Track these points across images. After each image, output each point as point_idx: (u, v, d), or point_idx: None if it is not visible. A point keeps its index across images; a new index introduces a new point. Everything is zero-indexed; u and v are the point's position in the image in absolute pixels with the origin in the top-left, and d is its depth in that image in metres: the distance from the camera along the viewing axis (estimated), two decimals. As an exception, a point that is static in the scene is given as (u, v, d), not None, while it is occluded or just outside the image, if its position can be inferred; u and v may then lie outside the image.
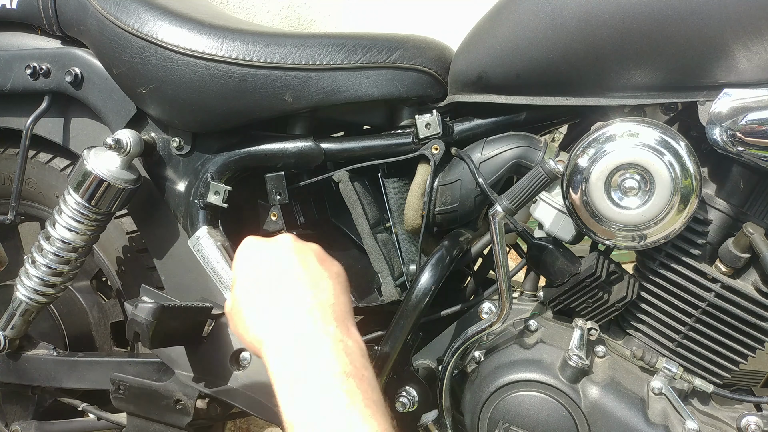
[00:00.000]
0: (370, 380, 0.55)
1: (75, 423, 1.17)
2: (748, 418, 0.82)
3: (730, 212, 0.81)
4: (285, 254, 0.65)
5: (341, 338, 0.57)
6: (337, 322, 0.58)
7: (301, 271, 0.63)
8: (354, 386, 0.53)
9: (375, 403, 0.53)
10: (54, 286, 1.04)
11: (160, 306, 0.87)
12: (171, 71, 0.93)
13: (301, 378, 0.54)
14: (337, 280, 0.64)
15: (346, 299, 0.63)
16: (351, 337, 0.58)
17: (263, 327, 0.60)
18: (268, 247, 0.67)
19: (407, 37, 0.96)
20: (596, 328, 0.86)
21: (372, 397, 0.54)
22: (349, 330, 0.59)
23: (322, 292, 0.61)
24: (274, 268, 0.64)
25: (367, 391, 0.54)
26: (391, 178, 0.98)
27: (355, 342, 0.58)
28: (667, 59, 0.76)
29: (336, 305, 0.60)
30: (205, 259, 0.99)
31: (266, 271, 0.64)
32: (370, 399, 0.53)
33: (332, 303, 0.60)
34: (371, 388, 0.55)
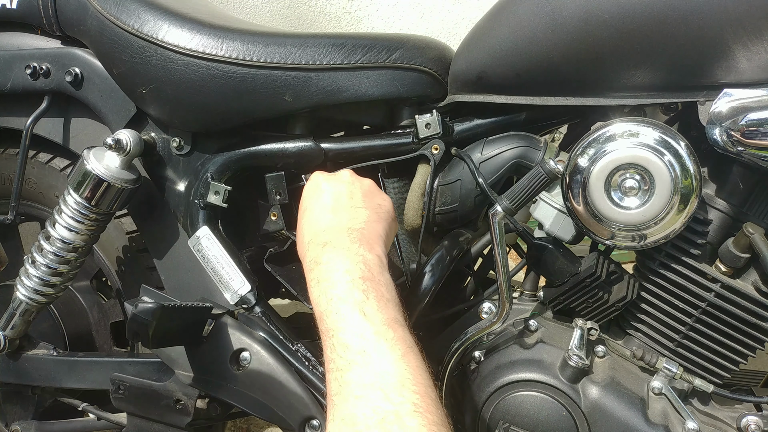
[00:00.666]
0: (384, 283, 0.68)
1: (75, 423, 1.17)
2: (748, 418, 0.82)
3: (730, 212, 0.81)
4: (338, 186, 0.81)
5: (362, 253, 0.70)
6: (361, 241, 0.71)
7: (345, 200, 0.78)
8: (369, 287, 0.66)
9: (388, 300, 0.66)
10: (54, 286, 1.04)
11: (160, 306, 0.87)
12: (171, 71, 0.93)
13: (325, 278, 0.68)
14: (374, 210, 0.78)
15: (378, 226, 0.76)
16: (372, 253, 0.70)
17: (309, 236, 0.76)
18: (329, 179, 0.82)
19: (407, 37, 0.96)
20: (596, 328, 0.86)
21: (385, 295, 0.66)
22: (372, 248, 0.71)
23: (355, 218, 0.75)
24: (327, 196, 0.79)
25: (380, 290, 0.66)
26: (391, 178, 0.98)
27: (375, 256, 0.70)
28: (667, 59, 0.76)
29: (365, 229, 0.74)
30: (205, 259, 0.99)
31: (322, 197, 0.80)
32: (382, 297, 0.65)
33: (361, 227, 0.74)
34: (385, 289, 0.67)
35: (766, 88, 0.73)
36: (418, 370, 0.59)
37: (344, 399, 0.57)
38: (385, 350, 0.60)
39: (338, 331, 0.63)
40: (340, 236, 0.72)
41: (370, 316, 0.63)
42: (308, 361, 0.95)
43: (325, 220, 0.76)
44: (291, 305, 1.34)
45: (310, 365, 0.95)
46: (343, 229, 0.73)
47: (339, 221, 0.75)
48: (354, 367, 0.59)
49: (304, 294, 0.97)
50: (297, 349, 0.96)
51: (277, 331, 0.97)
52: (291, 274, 0.99)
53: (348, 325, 0.62)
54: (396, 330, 0.62)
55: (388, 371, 0.58)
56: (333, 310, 0.64)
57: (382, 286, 0.67)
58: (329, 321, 0.64)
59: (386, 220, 0.78)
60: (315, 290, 0.69)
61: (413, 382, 0.57)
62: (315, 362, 0.96)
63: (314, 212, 0.78)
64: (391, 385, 0.57)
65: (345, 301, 0.64)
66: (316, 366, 0.96)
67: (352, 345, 0.61)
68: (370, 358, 0.59)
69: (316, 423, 0.90)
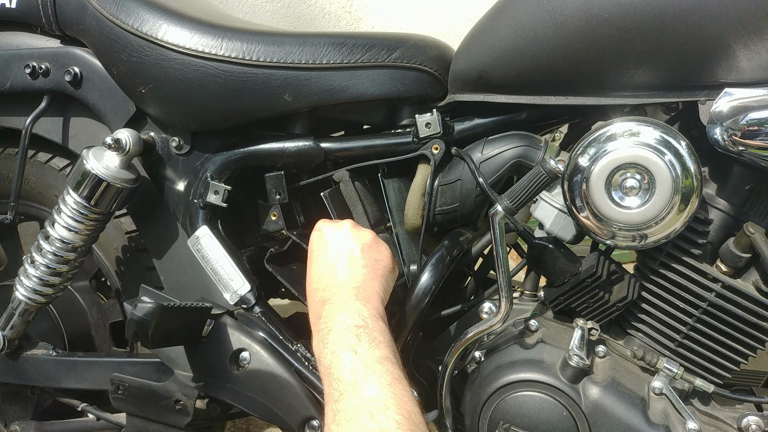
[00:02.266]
0: (379, 330, 0.73)
1: (74, 423, 1.16)
2: (748, 418, 0.82)
3: (730, 212, 0.81)
4: (340, 241, 0.85)
5: (357, 306, 0.76)
6: (358, 297, 0.77)
7: (345, 258, 0.83)
8: (362, 332, 0.72)
9: (380, 342, 0.72)
10: (53, 285, 1.04)
11: (160, 306, 0.87)
12: (170, 70, 0.93)
13: (323, 328, 0.75)
14: (371, 267, 0.83)
15: (375, 283, 0.81)
16: (367, 306, 0.76)
17: (312, 292, 0.83)
18: (332, 232, 0.87)
19: (407, 37, 0.96)
20: (597, 328, 0.86)
21: (377, 338, 0.72)
22: (368, 302, 0.77)
23: (354, 277, 0.81)
24: (331, 250, 0.85)
25: (373, 334, 0.72)
26: (391, 178, 0.98)
27: (371, 308, 0.76)
28: (667, 58, 0.75)
29: (362, 287, 0.79)
30: (205, 259, 0.99)
31: (326, 250, 0.85)
32: (375, 339, 0.71)
33: (358, 285, 0.79)
34: (379, 333, 0.73)
35: (766, 88, 0.73)
36: (404, 398, 0.65)
37: (338, 424, 0.64)
38: (373, 380, 0.66)
39: (334, 368, 0.69)
40: (338, 294, 0.79)
41: (361, 354, 0.70)
42: (308, 361, 0.95)
43: (327, 277, 0.82)
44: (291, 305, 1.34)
45: (310, 365, 0.95)
46: (342, 287, 0.80)
47: (338, 280, 0.81)
48: (346, 396, 0.66)
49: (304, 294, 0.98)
50: (297, 349, 0.96)
51: (276, 331, 0.97)
52: (291, 274, 0.99)
53: (341, 362, 0.69)
54: (384, 365, 0.69)
55: (375, 396, 0.65)
56: (329, 351, 0.71)
57: (376, 332, 0.73)
58: (326, 360, 0.71)
59: (383, 275, 0.83)
60: (315, 339, 0.76)
61: (398, 406, 0.63)
62: (315, 362, 0.96)
63: (318, 266, 0.84)
64: (377, 407, 0.63)
65: (339, 343, 0.72)
66: (315, 366, 0.95)
67: (344, 378, 0.67)
68: (359, 387, 0.66)
69: (315, 423, 0.90)
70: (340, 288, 0.79)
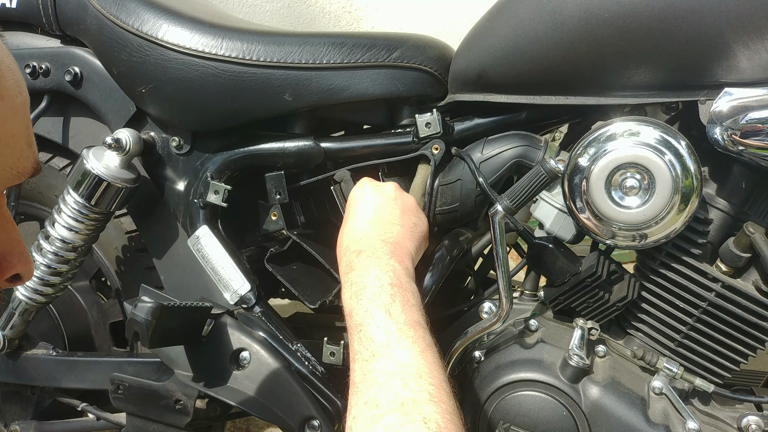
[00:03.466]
0: (411, 291, 0.74)
1: (74, 423, 1.16)
2: (748, 418, 0.82)
3: (730, 212, 0.81)
4: (380, 200, 0.86)
5: (392, 263, 0.76)
6: (392, 253, 0.78)
7: (384, 215, 0.84)
8: (396, 292, 0.72)
9: (412, 305, 0.72)
10: (53, 285, 1.04)
11: (160, 306, 0.87)
12: (170, 70, 0.93)
13: (357, 281, 0.74)
14: (408, 228, 0.83)
15: (409, 243, 0.81)
16: (401, 264, 0.76)
17: (347, 242, 0.82)
18: (375, 190, 0.88)
19: (407, 37, 0.96)
20: (597, 328, 0.86)
21: (410, 300, 0.72)
22: (401, 260, 0.77)
23: (389, 233, 0.81)
24: (370, 207, 0.85)
25: (406, 296, 0.72)
26: (391, 178, 0.98)
27: (403, 268, 0.76)
28: (667, 58, 0.75)
29: (396, 243, 0.80)
30: (205, 259, 0.99)
31: (365, 207, 0.86)
32: (408, 301, 0.72)
33: (393, 241, 0.80)
34: (411, 295, 0.73)
35: (766, 88, 0.73)
36: (434, 366, 0.65)
37: (368, 385, 0.64)
38: (407, 345, 0.66)
39: (365, 326, 0.69)
40: (374, 246, 0.78)
41: (395, 316, 0.69)
42: (308, 361, 0.95)
43: (363, 229, 0.82)
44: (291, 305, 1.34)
45: (310, 365, 0.95)
46: (377, 241, 0.79)
47: (375, 233, 0.81)
48: (378, 358, 0.65)
49: (304, 294, 0.98)
50: (297, 349, 0.96)
51: (277, 331, 0.97)
52: (291, 274, 0.99)
53: (375, 321, 0.69)
54: (417, 330, 0.69)
55: (408, 363, 0.64)
56: (362, 308, 0.71)
57: (408, 293, 0.73)
58: (358, 317, 0.71)
59: (418, 238, 0.84)
60: (347, 291, 0.75)
61: (429, 374, 0.63)
62: (315, 362, 0.96)
63: (355, 220, 0.84)
64: (410, 375, 0.63)
65: (373, 301, 0.71)
66: (315, 366, 0.95)
67: (377, 339, 0.67)
68: (392, 351, 0.66)
69: (315, 423, 0.90)
70: (376, 241, 0.79)
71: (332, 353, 0.94)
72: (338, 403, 0.93)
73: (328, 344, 0.95)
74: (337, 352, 0.94)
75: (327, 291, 0.98)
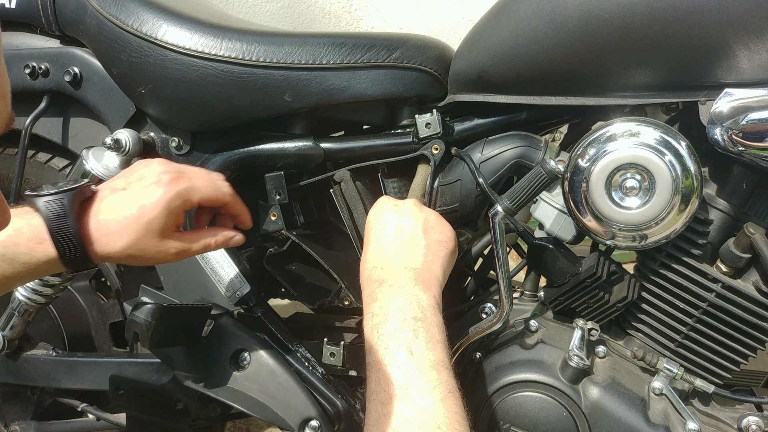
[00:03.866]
0: (437, 324, 0.70)
1: (74, 423, 1.16)
2: (748, 418, 0.82)
3: (731, 212, 0.81)
4: (401, 220, 0.81)
5: (417, 293, 0.71)
6: (417, 281, 0.73)
7: (407, 237, 0.79)
8: (420, 327, 0.68)
9: (437, 342, 0.68)
10: (53, 286, 1.04)
11: (160, 306, 0.87)
12: (170, 71, 0.93)
13: (379, 314, 0.70)
14: (432, 249, 0.78)
15: (435, 266, 0.77)
16: (427, 293, 0.72)
17: (369, 270, 0.77)
18: (395, 209, 0.83)
19: (407, 37, 0.95)
20: (597, 329, 0.86)
21: (435, 336, 0.68)
22: (428, 288, 0.73)
23: (414, 258, 0.76)
24: (390, 228, 0.80)
25: (431, 331, 0.68)
26: (391, 178, 0.98)
27: (431, 297, 0.72)
28: (667, 58, 0.75)
29: (421, 270, 0.75)
30: (205, 259, 0.99)
31: (385, 228, 0.81)
32: (432, 338, 0.67)
33: (418, 267, 0.75)
34: (437, 330, 0.69)
35: (766, 88, 0.73)
36: (456, 416, 0.61)
37: (382, 431, 0.60)
38: (427, 391, 0.62)
39: (384, 365, 0.65)
40: (397, 275, 0.74)
41: (417, 355, 0.65)
42: (308, 361, 0.95)
43: (384, 256, 0.77)
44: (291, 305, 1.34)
45: (310, 366, 0.95)
46: (400, 268, 0.75)
47: (398, 259, 0.76)
48: (396, 402, 0.62)
49: (304, 294, 0.98)
50: (297, 350, 0.96)
51: (276, 332, 0.97)
52: (291, 275, 0.99)
53: (394, 361, 0.65)
54: (441, 373, 0.65)
55: (427, 410, 0.61)
56: (383, 345, 0.67)
57: (434, 327, 0.69)
58: (377, 355, 0.67)
59: (444, 257, 0.79)
60: (368, 323, 0.71)
61: (449, 426, 0.60)
62: (314, 363, 0.96)
63: (376, 246, 0.80)
64: (428, 424, 0.59)
65: (394, 338, 0.67)
66: (315, 366, 0.95)
67: (396, 381, 0.63)
68: (411, 396, 0.62)
69: (315, 423, 0.90)
70: (399, 269, 0.74)
71: (332, 354, 0.94)
72: (338, 404, 0.93)
73: (328, 345, 0.95)
74: (337, 352, 0.94)
75: (326, 291, 0.98)
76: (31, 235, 0.72)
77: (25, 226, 0.72)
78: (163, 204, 0.76)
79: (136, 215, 0.75)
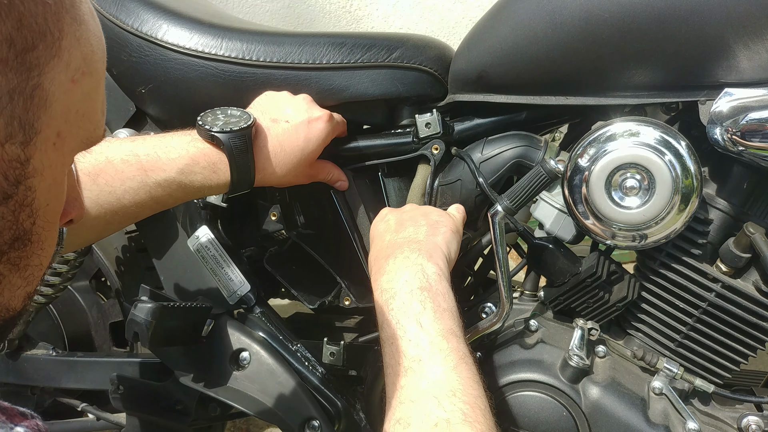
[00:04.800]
0: (442, 292, 0.71)
1: (74, 423, 1.16)
2: (748, 418, 0.82)
3: (730, 212, 0.81)
4: (401, 213, 0.85)
5: (421, 262, 0.73)
6: (420, 251, 0.75)
7: (407, 220, 0.82)
8: (426, 297, 0.69)
9: (444, 310, 0.69)
10: (53, 286, 1.03)
11: (160, 306, 0.87)
12: (170, 70, 0.93)
13: (387, 288, 0.72)
14: (432, 225, 0.80)
15: (437, 239, 0.78)
16: (431, 262, 0.74)
17: (375, 252, 0.81)
18: (394, 210, 0.87)
19: (407, 37, 0.95)
20: (597, 328, 0.86)
21: (442, 305, 0.69)
22: (431, 257, 0.74)
23: (416, 233, 0.79)
24: (392, 220, 0.84)
25: (437, 300, 0.70)
26: (391, 178, 0.98)
27: (434, 265, 0.73)
28: (667, 58, 0.75)
29: (424, 241, 0.77)
30: (205, 259, 0.99)
31: (388, 222, 0.84)
32: (439, 306, 0.69)
33: (420, 239, 0.77)
34: (443, 298, 0.70)
35: (766, 88, 0.73)
36: (469, 381, 0.63)
37: (400, 402, 0.62)
38: (439, 360, 0.64)
39: (396, 339, 0.67)
40: (402, 247, 0.77)
41: (427, 326, 0.67)
42: (308, 361, 0.95)
43: (389, 237, 0.81)
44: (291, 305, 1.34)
45: (310, 365, 0.95)
46: (404, 242, 0.78)
47: (401, 236, 0.79)
48: (410, 374, 0.64)
49: (304, 294, 0.98)
50: (297, 350, 0.96)
51: (276, 332, 0.97)
52: (291, 274, 0.99)
53: (405, 334, 0.67)
54: (450, 341, 0.66)
55: (441, 379, 0.62)
56: (393, 320, 0.69)
57: (440, 296, 0.71)
58: (389, 329, 0.69)
59: (444, 234, 0.80)
60: (379, 299, 0.73)
61: (463, 392, 0.61)
62: (314, 362, 0.96)
63: (380, 237, 0.83)
64: (443, 393, 0.61)
65: (404, 311, 0.69)
66: (315, 366, 0.95)
67: (409, 353, 0.65)
68: (425, 366, 0.64)
69: (315, 423, 0.90)
70: (404, 242, 0.77)
71: (332, 353, 0.94)
72: (338, 404, 0.93)
73: (328, 344, 0.95)
74: (337, 352, 0.94)
75: (326, 291, 0.98)
76: (207, 164, 0.81)
77: (201, 156, 0.81)
78: (324, 137, 0.87)
79: (302, 147, 0.85)
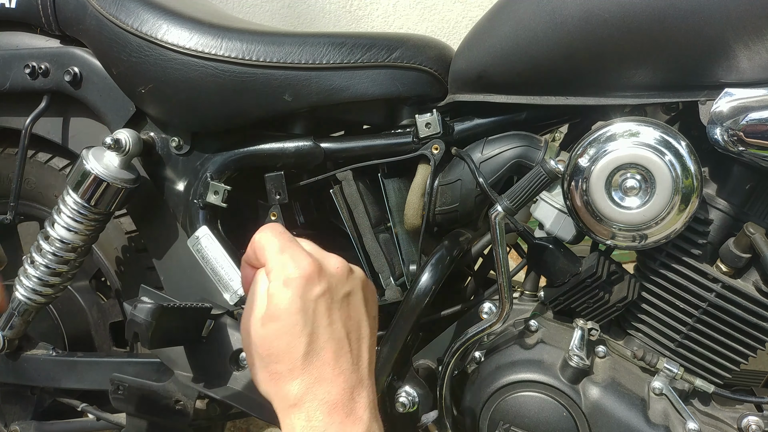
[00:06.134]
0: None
1: (74, 423, 1.17)
2: (748, 418, 0.82)
3: (730, 212, 0.81)
4: (317, 308, 0.61)
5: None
6: (334, 411, 0.60)
7: (323, 339, 0.61)
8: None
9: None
10: (53, 286, 1.04)
11: (160, 306, 0.86)
12: (170, 70, 0.93)
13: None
14: (354, 330, 0.62)
15: (362, 367, 0.61)
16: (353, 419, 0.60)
17: (266, 375, 0.63)
18: (304, 290, 0.61)
19: (407, 37, 0.95)
20: (597, 329, 0.86)
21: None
22: (353, 413, 0.60)
23: (327, 358, 0.61)
24: (300, 318, 0.60)
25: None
26: (391, 178, 0.98)
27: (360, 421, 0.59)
28: (667, 58, 0.75)
29: (336, 402, 0.61)
30: (205, 259, 0.99)
31: (290, 315, 0.60)
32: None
33: (332, 400, 0.61)
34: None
35: (766, 88, 0.73)
36: None
37: None
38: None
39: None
40: (302, 404, 0.63)
41: None
42: (308, 361, 0.95)
43: (298, 362, 0.61)
44: (291, 305, 1.34)
45: (310, 365, 0.95)
46: (308, 387, 0.62)
47: (309, 370, 0.62)
48: None
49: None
50: (296, 350, 0.96)
51: (276, 332, 0.96)
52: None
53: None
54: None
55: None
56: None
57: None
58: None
59: (369, 338, 0.63)
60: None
61: None
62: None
63: (280, 336, 0.60)
64: None
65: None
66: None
67: None
68: None
69: (315, 423, 0.90)
70: (307, 390, 0.61)
71: (332, 354, 0.94)
72: (338, 404, 0.93)
73: (328, 344, 0.95)
74: (337, 352, 0.94)
75: (327, 291, 0.98)
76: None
77: None
78: None
79: None
